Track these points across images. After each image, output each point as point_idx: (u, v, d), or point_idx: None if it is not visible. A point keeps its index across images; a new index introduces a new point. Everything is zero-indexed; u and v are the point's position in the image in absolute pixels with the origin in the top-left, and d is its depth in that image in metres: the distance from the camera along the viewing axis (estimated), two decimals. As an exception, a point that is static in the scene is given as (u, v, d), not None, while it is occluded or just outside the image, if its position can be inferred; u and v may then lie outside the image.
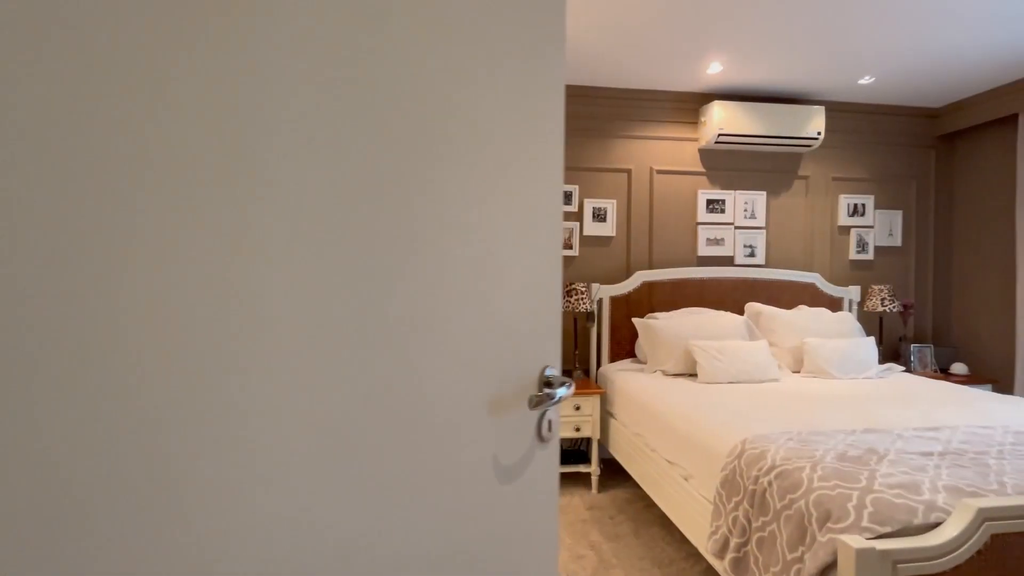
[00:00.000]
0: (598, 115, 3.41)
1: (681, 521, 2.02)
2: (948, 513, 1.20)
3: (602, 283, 3.43)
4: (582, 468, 2.90)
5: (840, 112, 3.64)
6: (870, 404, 2.23)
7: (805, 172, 3.66)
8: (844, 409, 2.13)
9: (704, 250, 3.53)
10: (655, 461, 2.30)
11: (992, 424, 1.88)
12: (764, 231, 3.60)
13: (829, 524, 1.24)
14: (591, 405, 2.86)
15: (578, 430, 2.85)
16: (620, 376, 2.94)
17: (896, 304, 3.43)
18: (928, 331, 3.84)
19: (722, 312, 3.18)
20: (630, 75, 3.18)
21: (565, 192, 3.37)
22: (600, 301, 3.33)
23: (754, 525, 1.49)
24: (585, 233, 3.41)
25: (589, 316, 3.28)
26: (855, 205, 3.73)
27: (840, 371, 2.88)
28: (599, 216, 3.42)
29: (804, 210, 3.68)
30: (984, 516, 1.16)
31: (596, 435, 2.87)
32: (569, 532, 2.44)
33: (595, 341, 3.29)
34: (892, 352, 3.72)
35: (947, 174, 3.83)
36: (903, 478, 1.31)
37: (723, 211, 3.55)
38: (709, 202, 3.53)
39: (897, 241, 3.79)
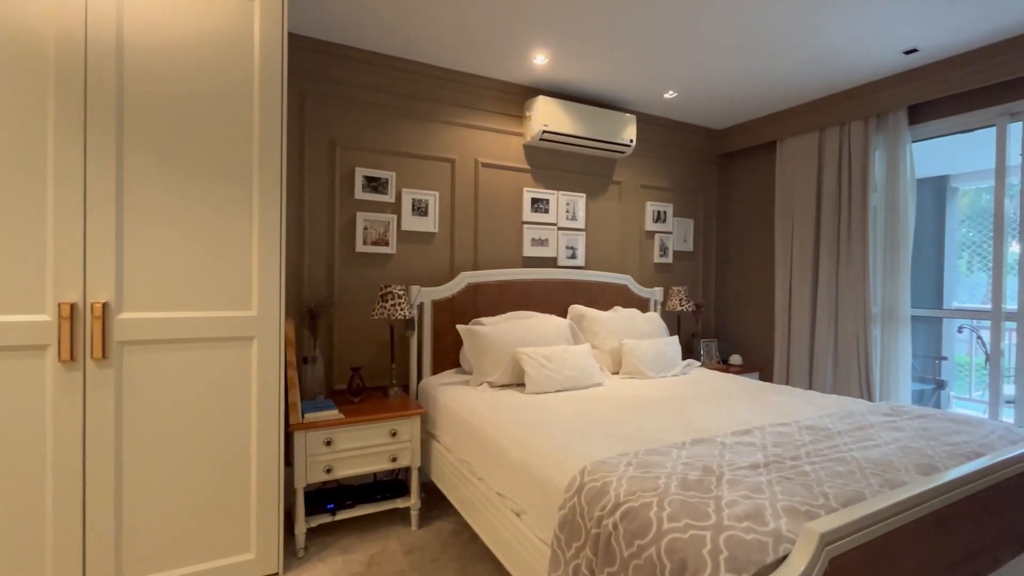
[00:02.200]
0: (419, 95, 3.00)
1: (514, 565, 1.74)
2: (792, 542, 1.11)
3: (423, 285, 3.04)
4: (400, 503, 2.47)
5: (649, 123, 3.87)
6: (686, 406, 2.26)
7: (619, 177, 3.80)
8: (666, 414, 2.11)
9: (529, 250, 3.40)
10: (483, 493, 1.99)
11: (787, 420, 2.01)
12: (584, 233, 3.62)
13: (686, 579, 1.04)
14: (410, 429, 2.45)
15: (394, 460, 2.41)
16: (443, 391, 2.58)
17: (691, 304, 3.77)
18: (712, 327, 4.35)
19: (548, 316, 3.05)
20: (453, 54, 2.85)
21: (380, 179, 2.88)
22: (421, 306, 2.93)
23: (599, 578, 1.25)
24: (404, 228, 2.97)
25: (408, 323, 2.85)
26: (659, 212, 4.01)
27: (653, 370, 2.98)
28: (419, 209, 3.02)
29: (618, 214, 3.82)
30: (825, 541, 1.08)
31: (416, 463, 2.46)
32: (382, 592, 1.99)
33: (415, 351, 2.88)
34: (687, 347, 4.10)
35: (726, 189, 4.38)
36: (747, 505, 1.20)
37: (547, 211, 3.47)
38: (534, 201, 3.41)
39: (690, 247, 4.20)
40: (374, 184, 2.88)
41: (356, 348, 2.85)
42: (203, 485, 1.92)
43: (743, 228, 4.23)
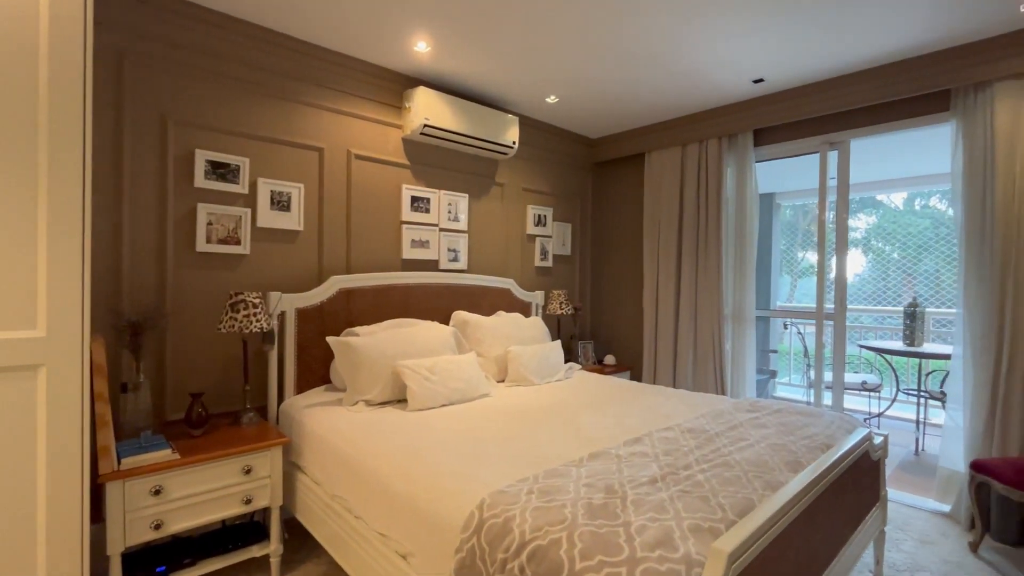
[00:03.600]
0: (280, 71, 2.59)
1: (398, 615, 1.53)
2: (702, 564, 1.07)
3: (285, 291, 2.63)
4: (256, 551, 2.08)
5: (531, 126, 3.85)
6: (575, 414, 2.24)
7: (501, 179, 3.73)
8: (558, 426, 2.05)
9: (409, 253, 3.15)
10: (362, 534, 1.73)
11: (669, 424, 2.07)
12: (466, 235, 3.48)
13: (604, 627, 0.94)
14: (269, 462, 2.07)
15: (249, 502, 2.02)
16: (311, 415, 2.24)
17: (570, 307, 3.84)
18: (588, 329, 4.50)
19: (431, 323, 2.85)
20: (322, 28, 2.50)
21: (229, 165, 2.42)
22: (283, 315, 2.53)
23: (504, 631, 1.11)
24: (260, 224, 2.54)
25: (266, 336, 2.44)
26: (539, 216, 4.02)
27: (538, 376, 2.94)
28: (280, 203, 2.61)
29: (500, 216, 3.74)
30: (731, 560, 1.06)
31: (277, 503, 2.09)
32: (232, 671, 1.62)
33: (276, 369, 2.48)
34: (566, 349, 4.18)
35: (600, 196, 4.56)
36: (655, 530, 1.15)
37: (428, 211, 3.25)
38: (414, 199, 3.17)
39: (568, 251, 4.29)
40: (221, 171, 2.41)
41: (197, 369, 2.36)
42: (-45, 575, 1.38)
43: (616, 234, 4.44)
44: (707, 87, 3.20)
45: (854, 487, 1.87)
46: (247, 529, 2.21)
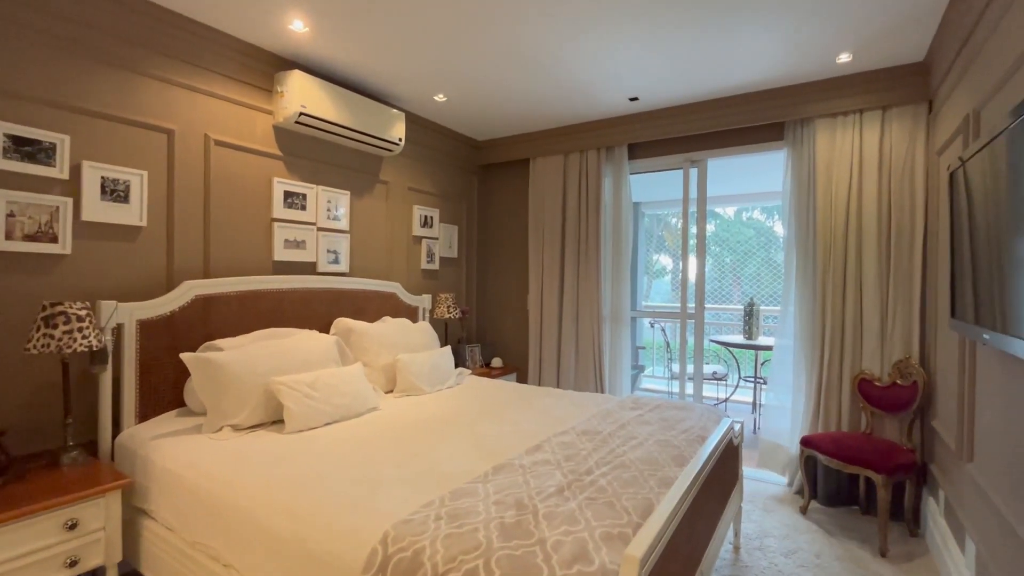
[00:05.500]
0: (116, 31, 2.13)
1: (283, 674, 1.33)
2: (616, 573, 1.09)
3: (122, 299, 2.19)
4: (84, 622, 1.69)
5: (417, 124, 3.71)
6: (472, 424, 2.18)
7: (386, 177, 3.53)
8: (457, 438, 1.98)
9: (282, 254, 2.83)
10: (233, 584, 1.49)
11: (565, 428, 2.12)
12: (348, 235, 3.23)
13: (530, 659, 0.90)
14: (103, 512, 1.69)
15: (74, 564, 1.62)
16: (160, 447, 1.88)
17: (457, 311, 3.78)
18: (474, 332, 4.48)
19: (310, 332, 2.58)
20: (172, -12, 2.12)
21: (40, 143, 1.93)
22: (120, 328, 2.10)
23: None
24: (86, 218, 2.07)
25: (96, 356, 1.99)
26: (426, 217, 3.90)
27: (429, 384, 2.83)
28: (116, 193, 2.16)
29: (385, 217, 3.55)
30: (643, 563, 1.10)
31: (115, 559, 1.72)
32: None
33: (110, 394, 2.04)
34: (454, 353, 4.10)
35: (487, 199, 4.56)
36: (571, 544, 1.14)
37: (304, 208, 2.95)
38: (288, 195, 2.85)
39: (455, 253, 4.22)
40: (28, 148, 1.91)
41: (-7, 400, 1.85)
42: None
43: (501, 237, 4.48)
44: (588, 100, 3.36)
45: (722, 472, 2.09)
46: (71, 596, 1.78)
